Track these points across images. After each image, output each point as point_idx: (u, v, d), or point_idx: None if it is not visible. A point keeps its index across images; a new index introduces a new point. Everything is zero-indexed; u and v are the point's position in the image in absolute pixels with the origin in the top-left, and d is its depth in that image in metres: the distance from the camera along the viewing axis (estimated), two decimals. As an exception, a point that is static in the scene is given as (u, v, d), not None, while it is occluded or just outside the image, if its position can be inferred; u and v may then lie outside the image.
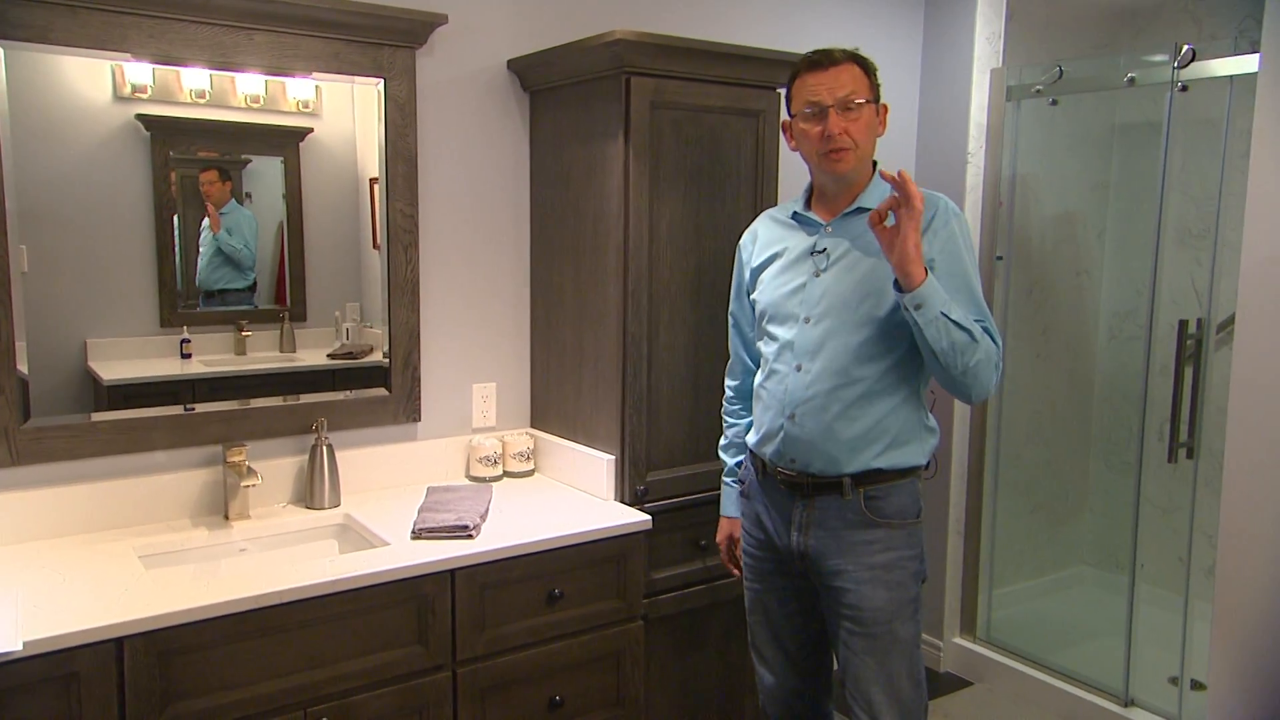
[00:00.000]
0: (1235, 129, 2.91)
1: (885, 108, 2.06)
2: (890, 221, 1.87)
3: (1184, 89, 3.01)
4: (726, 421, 2.35)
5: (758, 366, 2.21)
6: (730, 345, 2.33)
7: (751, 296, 2.19)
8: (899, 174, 1.83)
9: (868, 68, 2.04)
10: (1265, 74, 1.97)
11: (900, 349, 1.99)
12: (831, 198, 2.08)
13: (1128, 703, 3.17)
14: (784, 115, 2.12)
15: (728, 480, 2.33)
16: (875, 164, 2.09)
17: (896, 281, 1.87)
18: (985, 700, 3.41)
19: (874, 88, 2.03)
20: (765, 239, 2.19)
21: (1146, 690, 3.18)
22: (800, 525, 2.07)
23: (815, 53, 2.03)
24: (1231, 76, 2.90)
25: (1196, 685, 3.04)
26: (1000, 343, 2.00)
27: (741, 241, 2.27)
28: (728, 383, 2.35)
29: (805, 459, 2.04)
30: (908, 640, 2.04)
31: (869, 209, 2.00)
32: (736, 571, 2.32)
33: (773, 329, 2.10)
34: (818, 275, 2.04)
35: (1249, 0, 3.30)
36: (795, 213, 2.14)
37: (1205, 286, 3.25)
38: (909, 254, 1.83)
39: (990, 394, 2.00)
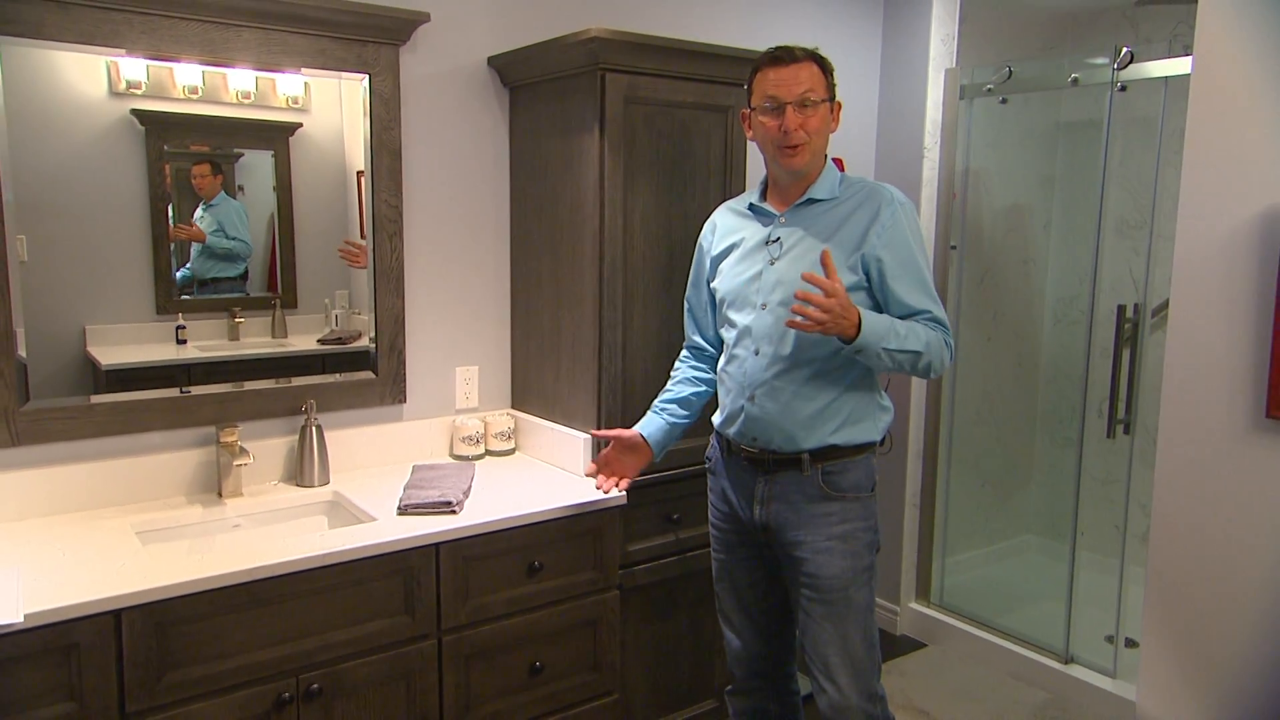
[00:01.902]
0: (1169, 127, 2.95)
1: (839, 105, 2.07)
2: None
3: (1123, 89, 3.04)
4: (670, 380, 2.35)
5: (712, 347, 2.25)
6: (685, 328, 2.34)
7: (712, 285, 2.19)
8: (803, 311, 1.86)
9: (825, 67, 2.04)
10: (1197, 76, 1.99)
11: None
12: (785, 189, 2.09)
13: (1068, 660, 3.22)
14: (744, 106, 2.11)
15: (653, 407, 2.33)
16: (828, 157, 2.10)
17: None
18: (939, 660, 3.46)
19: (830, 86, 2.04)
20: (724, 229, 2.19)
21: (1085, 648, 3.23)
22: (762, 499, 2.09)
23: (777, 49, 2.03)
24: (1166, 78, 2.94)
25: (1130, 643, 3.11)
26: (948, 325, 2.03)
27: (702, 232, 2.27)
28: (681, 357, 2.36)
29: (766, 437, 2.06)
30: (861, 606, 2.06)
31: (819, 199, 2.05)
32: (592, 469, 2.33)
33: (732, 315, 2.11)
34: (772, 263, 2.05)
35: (1181, 7, 3.33)
36: (751, 204, 2.15)
37: (1142, 274, 3.29)
38: (837, 329, 1.87)
39: (945, 370, 2.05)
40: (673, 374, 2.36)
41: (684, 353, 2.36)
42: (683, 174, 2.50)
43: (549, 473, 2.53)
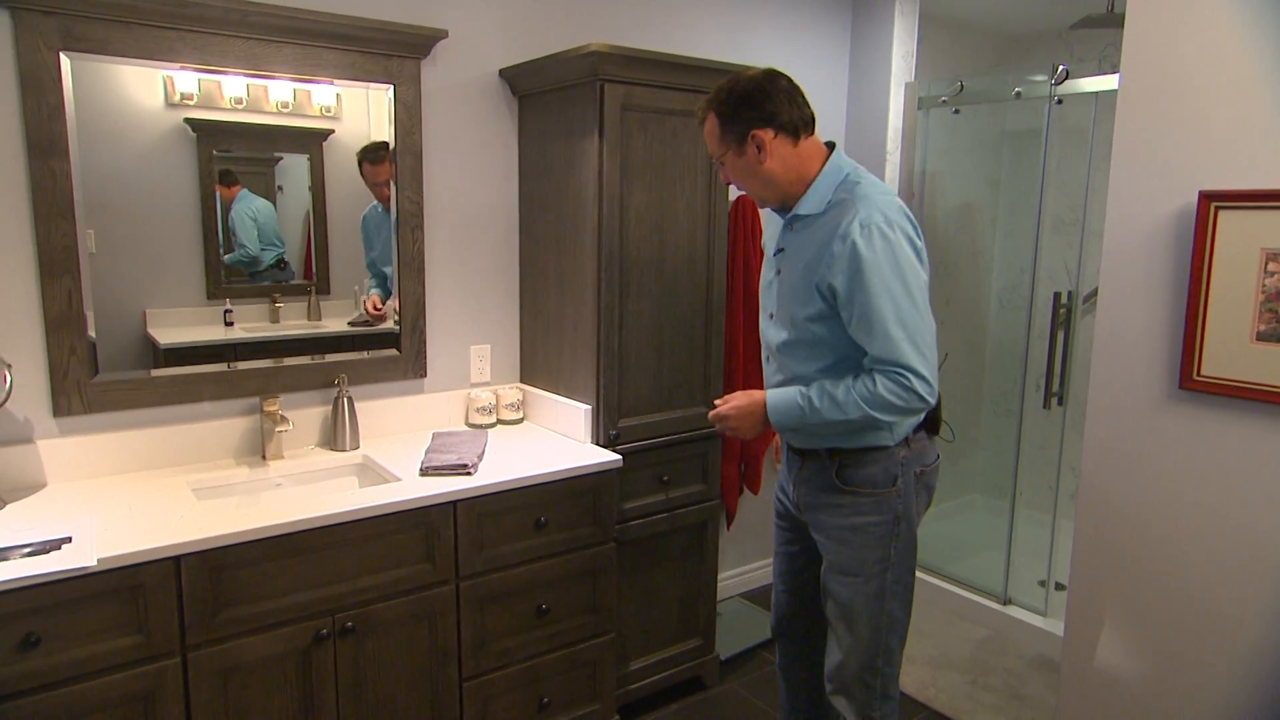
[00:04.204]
0: (1099, 136, 2.96)
1: (760, 136, 1.74)
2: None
3: (1059, 102, 3.05)
4: None
5: None
6: None
7: None
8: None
9: (723, 113, 1.76)
10: (1123, 91, 2.01)
11: (838, 351, 1.78)
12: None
13: (1006, 601, 3.28)
14: None
15: None
16: (828, 157, 1.81)
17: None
18: (893, 604, 3.50)
19: (728, 134, 1.76)
20: (768, 230, 2.01)
21: (1021, 591, 3.29)
22: (796, 482, 1.97)
23: None
24: (1096, 93, 2.95)
25: (1059, 586, 3.16)
26: (905, 361, 1.66)
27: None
28: None
29: (786, 436, 1.95)
30: (871, 594, 1.86)
31: (805, 215, 1.80)
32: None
33: (761, 317, 1.98)
34: (779, 273, 1.87)
35: (1110, 31, 3.35)
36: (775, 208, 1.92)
37: (1074, 265, 3.31)
38: (752, 430, 1.86)
39: (917, 412, 1.74)
40: None
41: None
42: (673, 174, 2.50)
43: (554, 440, 2.55)
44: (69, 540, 1.73)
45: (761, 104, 1.75)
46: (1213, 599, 1.93)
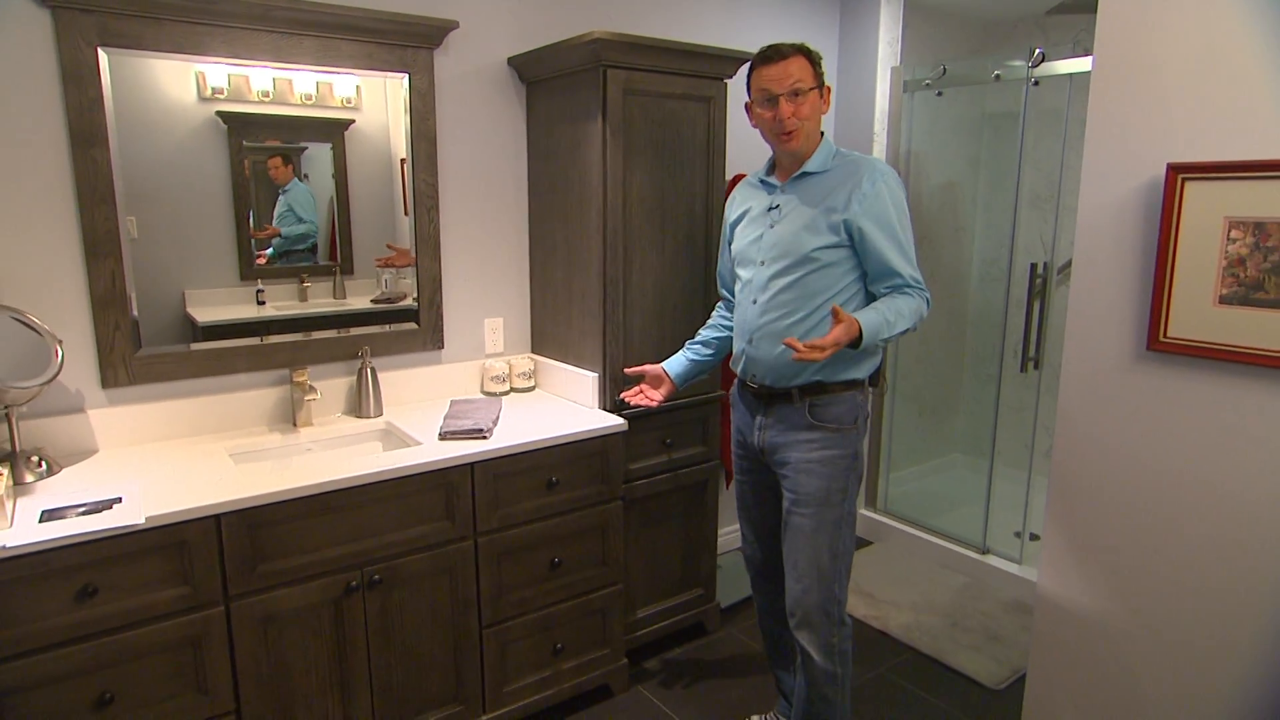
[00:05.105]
0: (1073, 116, 2.95)
1: (829, 89, 2.00)
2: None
3: (1036, 84, 3.03)
4: (705, 325, 2.36)
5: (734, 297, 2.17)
6: (718, 285, 2.32)
7: (731, 246, 2.15)
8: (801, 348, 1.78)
9: (812, 58, 1.95)
10: (1096, 73, 2.00)
11: (834, 287, 1.95)
12: (786, 166, 2.03)
13: (984, 551, 3.31)
14: (746, 98, 2.03)
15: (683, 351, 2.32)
16: (824, 134, 2.03)
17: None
18: (883, 554, 3.54)
19: (818, 75, 1.95)
20: (740, 200, 2.14)
21: (998, 542, 3.31)
22: (761, 426, 2.06)
23: (768, 48, 1.94)
24: (1071, 74, 2.93)
25: (1034, 537, 3.19)
26: (921, 281, 1.96)
27: (726, 203, 2.22)
28: (716, 307, 2.34)
29: (762, 375, 2.03)
30: (832, 522, 1.99)
31: (813, 172, 1.98)
32: (625, 396, 2.31)
33: (740, 271, 2.08)
34: (772, 227, 2.00)
35: (1082, 16, 3.32)
36: (761, 178, 2.09)
37: (1050, 238, 3.32)
38: (841, 342, 1.81)
39: (923, 321, 2.00)
40: (708, 321, 2.35)
41: (718, 304, 2.33)
42: (673, 154, 2.49)
43: (564, 405, 2.56)
44: (119, 500, 1.76)
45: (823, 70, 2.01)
46: (1175, 546, 1.96)
